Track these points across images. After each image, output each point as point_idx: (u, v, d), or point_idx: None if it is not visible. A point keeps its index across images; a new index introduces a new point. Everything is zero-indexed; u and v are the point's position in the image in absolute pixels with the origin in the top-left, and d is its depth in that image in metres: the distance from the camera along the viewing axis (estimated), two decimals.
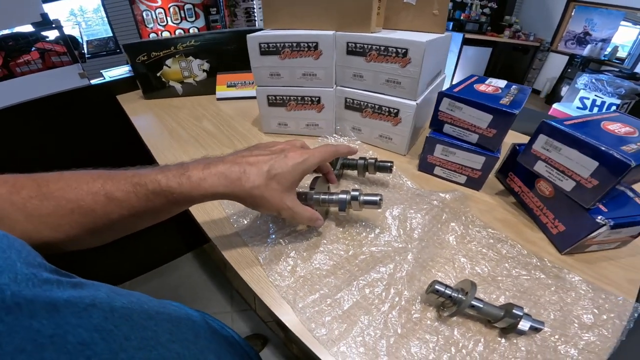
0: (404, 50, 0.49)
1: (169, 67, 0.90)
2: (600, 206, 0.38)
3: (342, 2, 0.52)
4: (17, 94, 0.83)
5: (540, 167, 0.43)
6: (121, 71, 1.06)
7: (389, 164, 0.48)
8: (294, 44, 0.55)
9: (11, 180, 0.27)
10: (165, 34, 1.85)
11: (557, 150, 0.40)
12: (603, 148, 0.35)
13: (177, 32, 1.87)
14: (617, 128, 0.40)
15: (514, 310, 0.30)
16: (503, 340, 0.32)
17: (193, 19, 1.84)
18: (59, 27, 0.84)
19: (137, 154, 0.76)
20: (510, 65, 3.71)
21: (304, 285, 0.36)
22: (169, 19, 1.79)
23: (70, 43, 0.86)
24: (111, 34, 2.06)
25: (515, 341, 0.31)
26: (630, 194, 0.40)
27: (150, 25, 1.79)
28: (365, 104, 0.58)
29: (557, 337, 0.32)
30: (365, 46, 0.52)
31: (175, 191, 0.30)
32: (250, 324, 1.32)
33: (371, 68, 0.53)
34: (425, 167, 0.55)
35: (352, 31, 0.53)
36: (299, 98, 0.61)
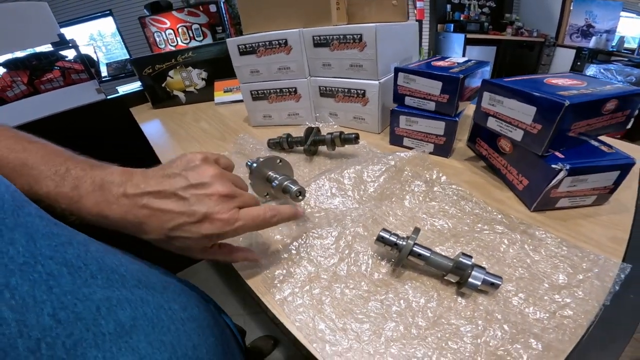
0: (359, 36, 0.55)
1: (172, 77, 1.00)
2: (557, 154, 0.39)
3: (306, 3, 0.59)
4: (42, 108, 0.94)
5: (492, 123, 0.45)
6: (133, 86, 1.19)
7: (353, 135, 0.53)
8: (267, 43, 0.62)
9: None
10: None
11: (500, 103, 0.43)
12: (537, 93, 0.37)
13: None
14: (562, 81, 0.42)
15: (460, 259, 0.29)
16: (460, 299, 0.30)
17: (201, 38, 1.98)
18: (75, 47, 0.96)
19: (150, 161, 0.84)
20: (518, 63, 3.68)
21: (259, 240, 0.39)
22: (178, 39, 1.94)
23: (86, 61, 0.98)
24: (129, 57, 2.25)
25: (474, 299, 0.29)
26: (594, 143, 0.41)
27: (162, 46, 1.95)
28: (337, 89, 0.63)
29: (522, 297, 0.29)
30: (328, 37, 0.59)
31: (65, 213, 0.27)
32: (262, 326, 1.36)
33: (336, 56, 0.60)
34: (395, 139, 0.59)
35: (317, 26, 0.60)
36: (278, 90, 0.68)
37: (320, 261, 0.35)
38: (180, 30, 1.92)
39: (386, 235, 0.32)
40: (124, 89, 1.16)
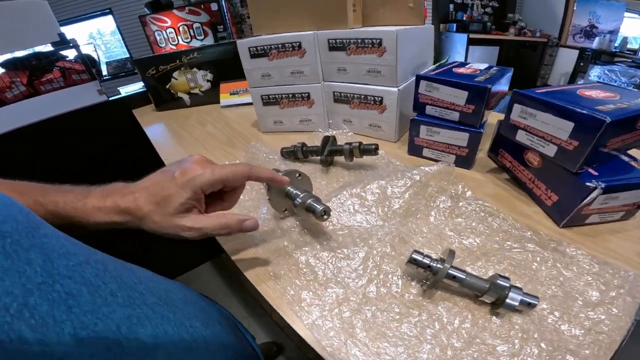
0: (378, 41, 0.52)
1: (176, 79, 0.97)
2: (591, 170, 0.37)
3: (321, 3, 0.56)
4: (42, 110, 0.91)
5: (521, 136, 0.43)
6: (136, 87, 1.15)
7: (373, 147, 0.50)
8: (280, 45, 0.59)
9: None
10: None
11: (533, 116, 0.41)
12: (576, 108, 0.35)
13: None
14: (595, 94, 0.40)
15: (498, 281, 0.28)
16: (494, 318, 0.29)
17: (202, 37, 1.94)
18: (76, 46, 0.92)
19: (150, 161, 0.82)
20: (520, 63, 3.66)
21: (282, 259, 0.37)
22: (179, 38, 1.91)
23: (87, 61, 0.95)
24: (129, 55, 2.21)
25: (509, 319, 0.29)
26: (625, 158, 0.39)
27: (163, 45, 1.91)
28: (352, 95, 0.61)
29: (557, 315, 0.29)
30: (345, 41, 0.56)
31: (70, 215, 0.30)
32: (266, 330, 1.34)
33: (352, 61, 0.57)
34: (414, 149, 0.57)
35: (331, 29, 0.57)
36: (290, 95, 0.65)
37: (349, 283, 0.34)
38: (181, 29, 1.88)
39: (419, 258, 0.31)
40: (126, 90, 1.13)
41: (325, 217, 0.37)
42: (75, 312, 0.19)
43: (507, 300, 0.28)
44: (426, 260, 0.31)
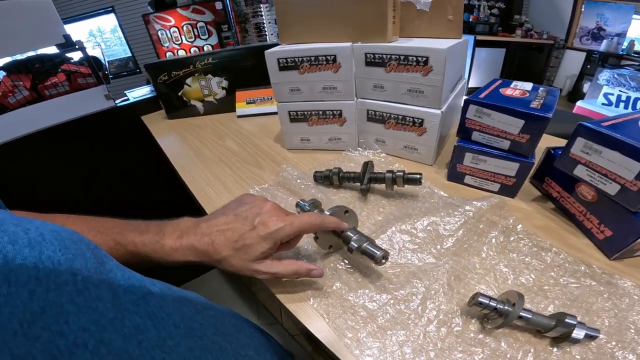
0: (424, 59, 0.48)
1: (190, 86, 0.92)
2: None
3: (357, 13, 0.52)
4: (47, 117, 0.86)
5: (580, 172, 0.41)
6: (144, 91, 1.11)
7: (418, 176, 0.47)
8: (312, 58, 0.55)
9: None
10: (181, 52, 1.92)
11: (598, 153, 0.38)
12: None
13: (192, 50, 1.93)
14: None
15: (566, 320, 0.29)
16: (555, 350, 0.30)
17: (206, 36, 1.90)
18: (82, 48, 0.87)
19: (164, 175, 0.77)
20: (526, 65, 3.64)
21: (336, 301, 0.36)
22: (183, 37, 1.86)
23: (94, 64, 0.90)
24: (130, 54, 2.15)
25: (568, 350, 0.30)
26: None
27: (166, 44, 1.86)
28: (388, 115, 0.57)
29: (613, 343, 0.30)
30: (384, 56, 0.52)
31: (149, 255, 0.32)
32: (277, 338, 1.31)
33: (392, 78, 0.53)
34: (455, 176, 0.54)
35: (369, 41, 0.53)
36: (320, 112, 0.61)
37: (409, 324, 0.33)
38: (185, 28, 1.83)
39: (485, 301, 0.31)
40: (133, 95, 1.08)
41: (384, 261, 0.35)
42: (145, 347, 0.19)
43: (573, 335, 0.29)
44: (493, 303, 0.31)
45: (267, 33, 2.46)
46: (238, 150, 0.72)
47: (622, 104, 2.52)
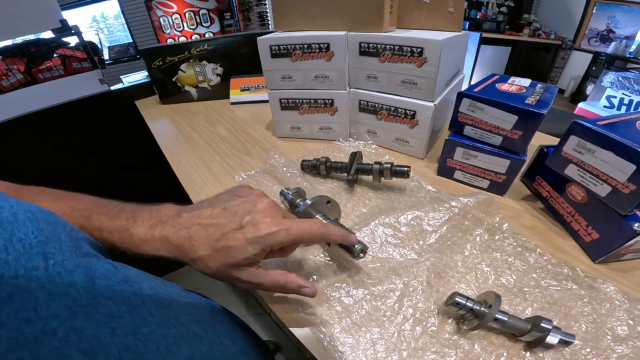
0: (419, 50, 0.47)
1: (184, 71, 0.91)
2: (638, 212, 0.35)
3: (354, 1, 0.50)
4: (40, 99, 0.85)
5: (571, 171, 0.40)
6: (139, 77, 1.09)
7: (406, 169, 0.46)
8: (305, 46, 0.54)
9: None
10: (182, 40, 1.89)
11: (591, 152, 0.37)
12: None
13: (194, 37, 1.91)
14: None
15: (542, 324, 0.29)
16: (528, 354, 0.30)
17: (208, 24, 1.87)
18: (78, 33, 0.86)
19: (154, 159, 0.77)
20: (531, 65, 3.59)
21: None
22: (185, 24, 1.83)
23: (89, 49, 0.88)
24: (131, 40, 2.13)
25: (541, 355, 0.29)
26: None
27: (168, 31, 1.84)
28: (380, 106, 0.56)
29: (588, 350, 0.30)
30: (379, 46, 0.50)
31: (115, 244, 0.28)
32: (265, 328, 1.31)
33: (385, 69, 0.52)
34: (445, 171, 0.53)
35: (364, 31, 0.52)
36: (312, 101, 0.60)
37: (384, 321, 0.32)
38: (187, 15, 1.81)
39: (462, 301, 0.30)
40: (129, 80, 1.07)
41: (362, 255, 0.33)
42: (118, 334, 0.18)
43: (547, 340, 0.28)
44: (469, 304, 0.30)
45: (270, 22, 2.42)
46: (228, 137, 0.71)
47: (624, 107, 2.48)
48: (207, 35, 1.90)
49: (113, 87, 0.99)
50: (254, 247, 0.27)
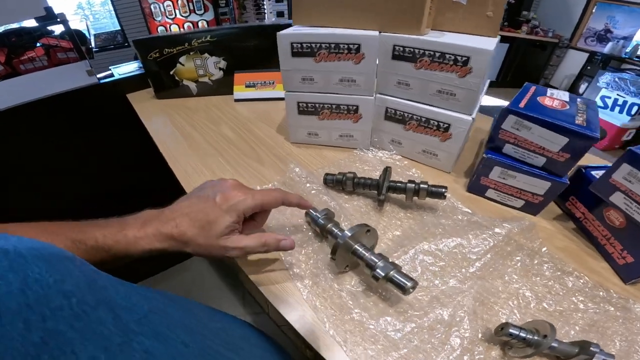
0: (464, 58, 0.42)
1: (183, 65, 0.83)
2: None
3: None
4: (21, 93, 0.77)
5: (617, 199, 0.38)
6: (131, 68, 1.00)
7: (442, 190, 0.42)
8: (333, 45, 0.48)
9: None
10: (174, 27, 1.78)
11: None
12: None
13: (186, 25, 1.79)
14: None
15: (591, 348, 0.29)
16: None
17: (202, 11, 1.76)
18: (64, 22, 0.77)
19: (149, 158, 0.70)
20: (526, 61, 3.59)
21: (355, 327, 0.32)
22: (177, 11, 1.72)
23: (76, 38, 0.80)
24: (119, 28, 1.99)
25: None
26: None
27: (159, 18, 1.72)
28: (410, 115, 0.51)
29: None
30: (416, 51, 0.45)
31: (113, 247, 0.30)
32: (264, 328, 1.28)
33: (421, 76, 0.47)
34: (477, 188, 0.49)
35: (399, 32, 0.46)
36: (334, 106, 0.55)
37: (431, 353, 0.31)
38: (179, 2, 1.69)
39: (515, 332, 0.30)
40: (119, 71, 0.98)
41: (412, 291, 0.31)
42: None
43: None
44: (522, 334, 0.30)
45: (265, 11, 2.31)
46: (234, 139, 0.65)
47: (617, 108, 2.52)
48: (200, 24, 1.79)
49: (102, 80, 0.91)
50: (230, 215, 0.32)
